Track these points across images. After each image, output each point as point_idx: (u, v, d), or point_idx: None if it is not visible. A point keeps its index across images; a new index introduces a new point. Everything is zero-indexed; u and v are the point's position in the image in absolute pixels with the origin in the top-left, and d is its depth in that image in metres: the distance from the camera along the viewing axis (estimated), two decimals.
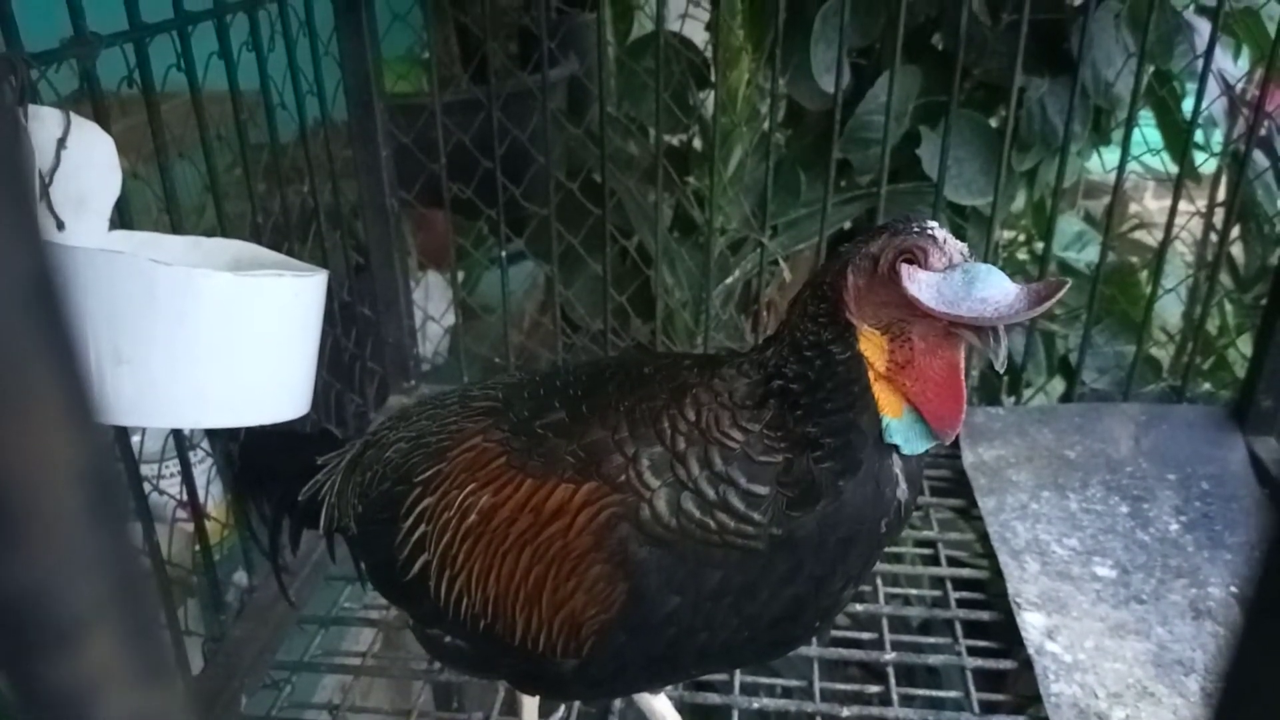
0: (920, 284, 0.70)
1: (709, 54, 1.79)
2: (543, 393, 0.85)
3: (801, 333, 0.75)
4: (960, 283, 0.69)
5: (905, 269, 0.70)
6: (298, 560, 1.21)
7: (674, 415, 0.76)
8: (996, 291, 0.69)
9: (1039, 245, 1.83)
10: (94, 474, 0.15)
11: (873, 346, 0.73)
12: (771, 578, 0.76)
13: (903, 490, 0.76)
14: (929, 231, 0.71)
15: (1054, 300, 0.68)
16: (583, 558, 0.75)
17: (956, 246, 0.72)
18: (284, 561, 1.08)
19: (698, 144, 1.89)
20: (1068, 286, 0.68)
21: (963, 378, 0.73)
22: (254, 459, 1.09)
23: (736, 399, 0.76)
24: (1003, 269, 0.72)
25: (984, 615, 1.20)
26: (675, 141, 1.88)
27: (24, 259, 0.13)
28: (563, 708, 1.10)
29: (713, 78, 1.75)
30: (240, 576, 1.25)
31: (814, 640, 1.11)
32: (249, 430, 1.10)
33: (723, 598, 0.76)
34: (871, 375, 0.73)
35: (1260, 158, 1.77)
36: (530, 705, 1.01)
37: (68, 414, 0.14)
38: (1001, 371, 0.74)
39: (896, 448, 0.74)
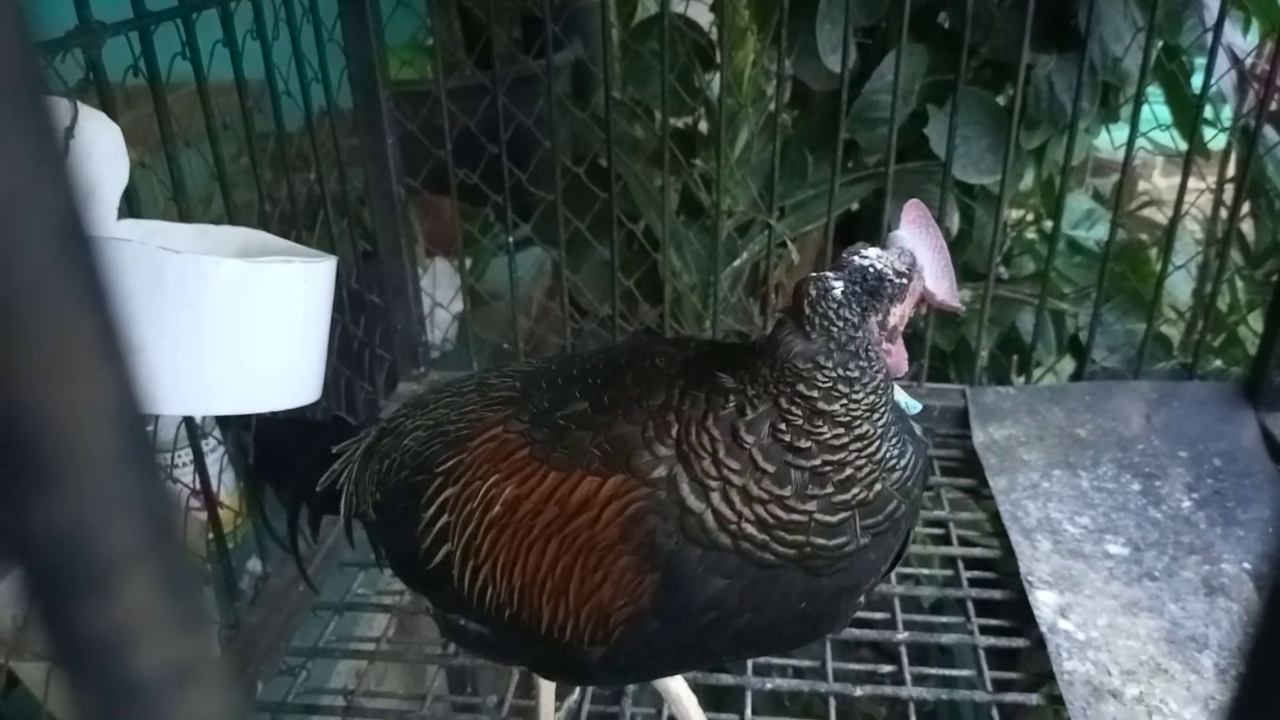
0: (938, 291, 0.76)
1: (714, 35, 1.78)
2: (561, 382, 0.85)
3: (843, 405, 0.73)
4: (914, 261, 0.76)
5: (929, 294, 0.76)
6: (311, 547, 1.22)
7: (697, 453, 0.75)
8: (912, 243, 0.77)
9: (1048, 224, 1.82)
10: (126, 416, 0.15)
11: None
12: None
13: (918, 428, 0.80)
14: (914, 266, 0.76)
15: (928, 215, 0.77)
16: (610, 549, 0.75)
17: (900, 258, 0.76)
18: (302, 550, 1.08)
19: (704, 126, 1.88)
20: (914, 201, 0.77)
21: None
22: (269, 448, 1.09)
23: (768, 483, 0.74)
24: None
25: (996, 594, 1.20)
26: (681, 124, 1.87)
27: (53, 198, 0.13)
28: (577, 691, 1.11)
29: (718, 59, 1.74)
30: (254, 564, 1.26)
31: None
32: (261, 420, 1.10)
33: (788, 570, 0.75)
34: None
35: (1270, 133, 1.75)
36: (548, 689, 1.01)
37: (100, 354, 0.14)
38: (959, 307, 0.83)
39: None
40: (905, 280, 0.74)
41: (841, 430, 0.73)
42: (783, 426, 0.73)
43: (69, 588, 0.15)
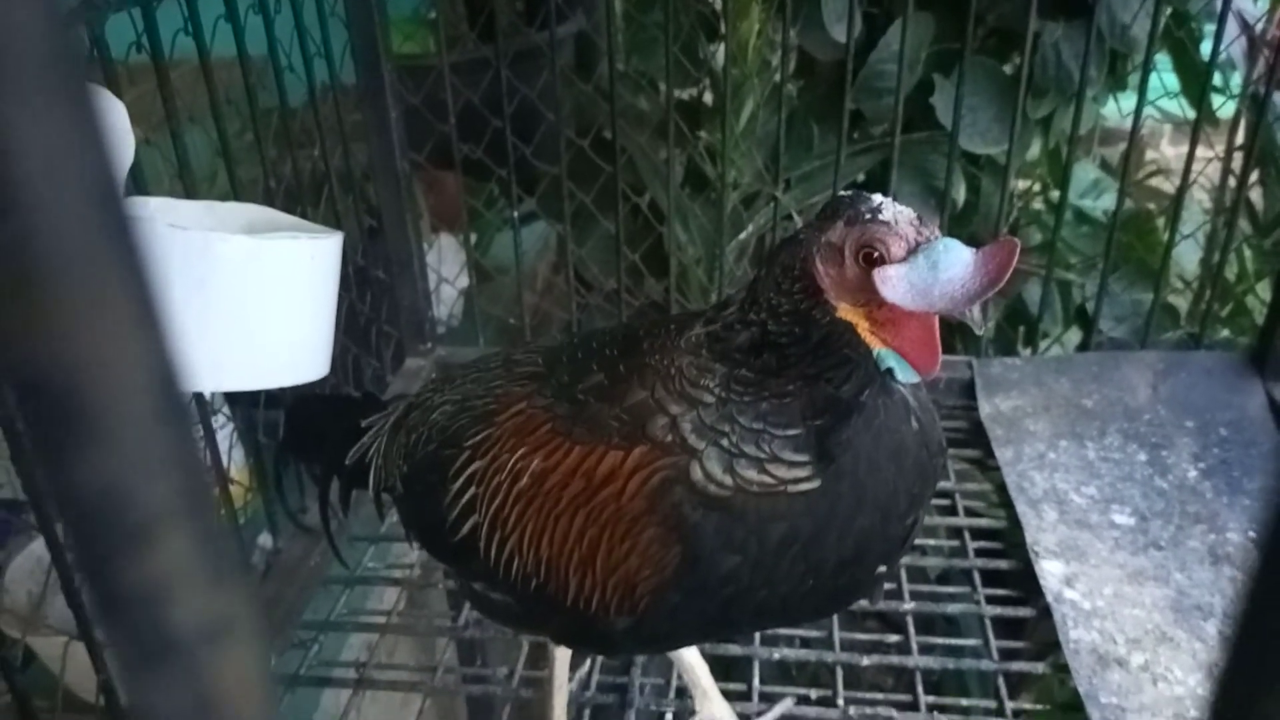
0: (891, 283, 0.71)
1: (718, 5, 1.77)
2: (580, 356, 0.85)
3: (777, 302, 0.75)
4: (926, 268, 0.71)
5: (877, 274, 0.71)
6: (340, 522, 1.22)
7: (679, 379, 0.77)
8: (959, 267, 0.70)
9: (1055, 194, 1.82)
10: (164, 376, 0.15)
11: (851, 313, 0.74)
12: (839, 514, 0.76)
13: (915, 404, 0.79)
14: (881, 217, 0.72)
15: (1013, 264, 0.69)
16: (636, 520, 0.76)
17: (908, 219, 0.72)
18: (315, 523, 1.09)
19: (708, 98, 1.87)
20: (1018, 245, 0.69)
21: (937, 335, 0.74)
22: (300, 423, 1.10)
23: (721, 358, 0.76)
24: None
25: (1002, 564, 1.21)
26: (686, 96, 1.86)
27: (92, 160, 0.13)
28: (587, 661, 1.12)
29: (723, 30, 1.73)
30: (265, 539, 1.27)
31: (870, 594, 1.07)
32: (294, 395, 1.11)
33: (789, 548, 0.76)
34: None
35: None
36: (563, 661, 1.02)
37: (137, 314, 0.14)
38: (980, 333, 0.76)
39: (891, 372, 0.75)
40: (871, 217, 0.72)
41: (762, 329, 0.75)
42: (726, 332, 0.77)
43: (108, 544, 0.15)
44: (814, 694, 1.08)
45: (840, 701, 1.05)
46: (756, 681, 1.08)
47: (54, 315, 0.14)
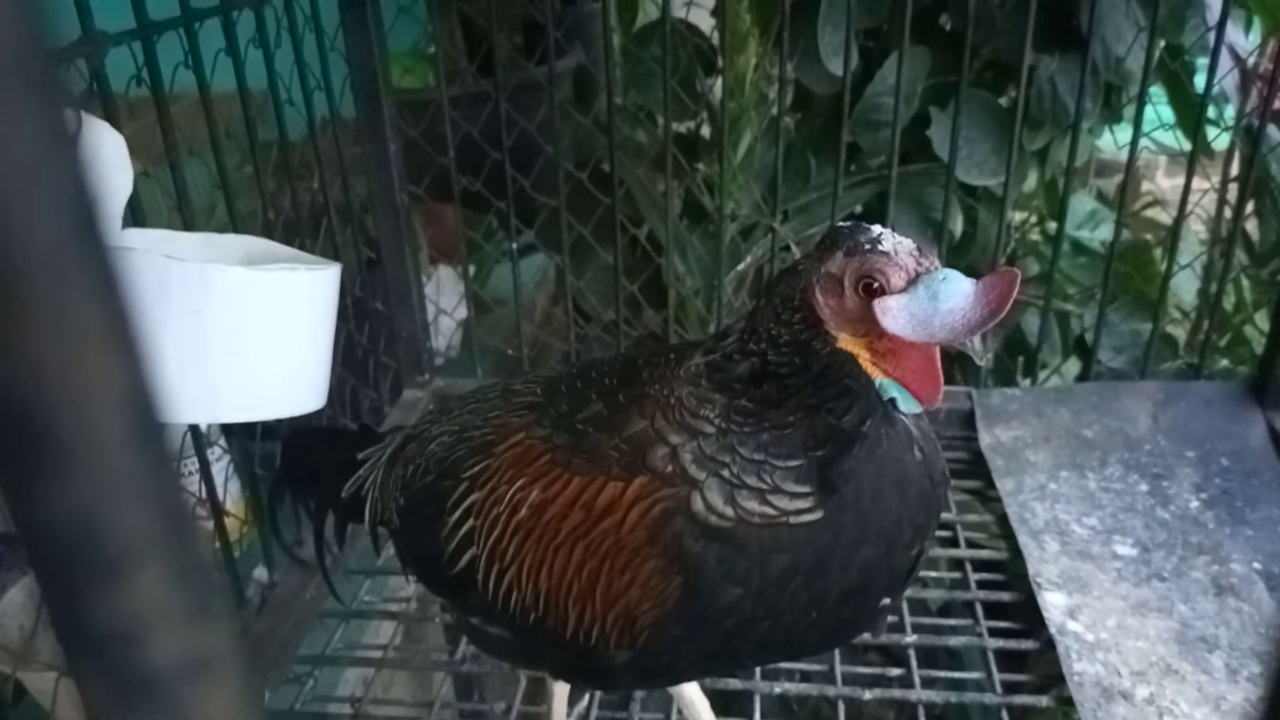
0: (891, 314, 0.71)
1: (715, 40, 1.78)
2: (580, 385, 0.85)
3: (777, 333, 0.74)
4: (926, 299, 0.71)
5: (878, 305, 0.71)
6: (335, 555, 1.21)
7: (679, 408, 0.77)
8: (960, 298, 0.70)
9: (1051, 225, 1.82)
10: (138, 402, 0.15)
11: (852, 344, 0.74)
12: (842, 544, 0.75)
13: (918, 433, 0.78)
14: (880, 248, 0.71)
15: (1014, 295, 0.68)
16: (637, 552, 0.75)
17: (907, 249, 0.72)
18: (311, 558, 1.08)
19: (706, 131, 1.89)
20: (1019, 276, 0.69)
21: (939, 365, 0.74)
22: (296, 456, 1.09)
23: (721, 388, 0.76)
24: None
25: (1004, 596, 1.20)
26: (683, 129, 1.87)
27: (64, 176, 0.13)
28: (586, 696, 1.11)
29: (720, 64, 1.74)
30: (260, 572, 1.26)
31: (874, 627, 1.07)
32: (290, 427, 1.10)
33: (792, 579, 0.75)
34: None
35: (1274, 131, 1.75)
36: (561, 696, 1.01)
37: (112, 339, 0.14)
38: (981, 363, 0.75)
39: (893, 403, 0.75)
40: (870, 247, 0.72)
41: (762, 361, 0.75)
42: (724, 361, 0.77)
43: (81, 576, 0.15)
44: None
45: None
46: (758, 716, 1.06)
47: (25, 334, 0.13)
